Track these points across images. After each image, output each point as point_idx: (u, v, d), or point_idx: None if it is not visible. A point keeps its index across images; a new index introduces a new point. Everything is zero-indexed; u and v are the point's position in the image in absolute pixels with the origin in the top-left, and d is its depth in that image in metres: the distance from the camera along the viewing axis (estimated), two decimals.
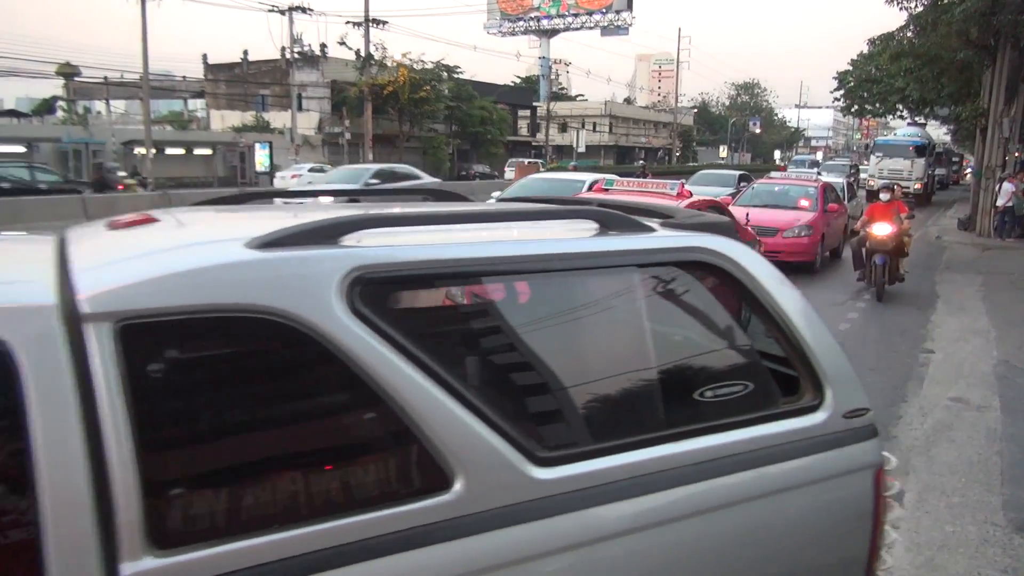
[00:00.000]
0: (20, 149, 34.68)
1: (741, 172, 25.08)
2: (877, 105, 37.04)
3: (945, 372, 7.46)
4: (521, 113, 67.54)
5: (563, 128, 70.14)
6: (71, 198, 19.57)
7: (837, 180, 22.42)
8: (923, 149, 33.63)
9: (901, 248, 11.49)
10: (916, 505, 4.46)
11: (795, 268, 11.79)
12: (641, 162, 36.59)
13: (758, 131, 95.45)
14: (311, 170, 35.12)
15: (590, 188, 14.93)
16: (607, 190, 9.46)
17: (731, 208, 12.53)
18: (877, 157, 33.96)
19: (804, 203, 14.10)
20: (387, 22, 41.60)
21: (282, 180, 35.68)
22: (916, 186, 32.01)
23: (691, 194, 9.61)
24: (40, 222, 15.72)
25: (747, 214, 12.50)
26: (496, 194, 15.09)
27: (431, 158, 50.53)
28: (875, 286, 11.29)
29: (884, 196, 11.71)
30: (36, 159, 34.56)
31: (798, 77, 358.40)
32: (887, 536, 2.38)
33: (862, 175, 36.94)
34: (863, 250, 11.58)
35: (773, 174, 19.39)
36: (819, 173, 35.45)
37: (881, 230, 11.14)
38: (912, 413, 6.26)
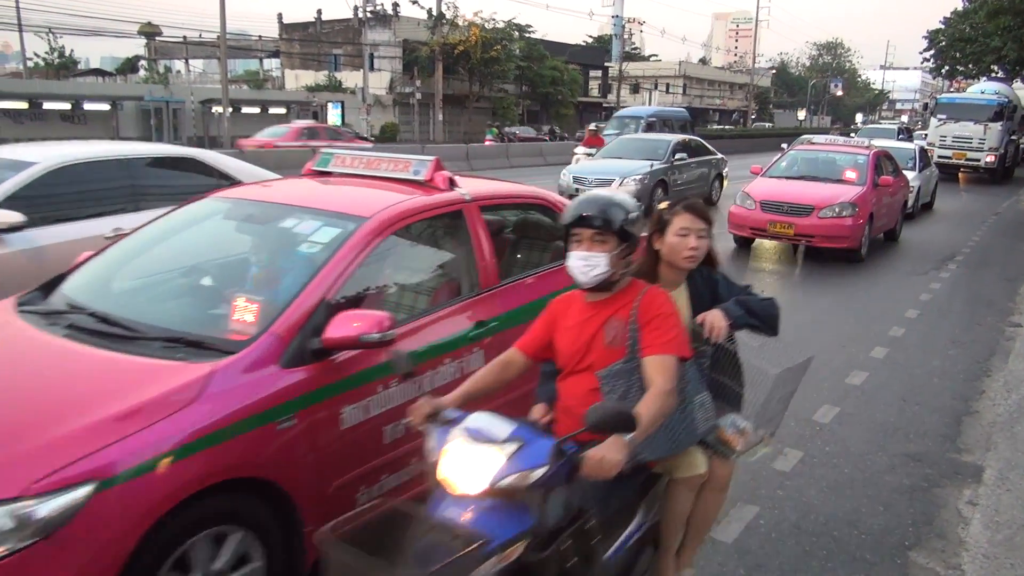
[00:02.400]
0: (105, 107, 35.88)
1: (679, 140, 17.37)
2: (970, 66, 34.94)
3: None
4: (592, 73, 66.37)
5: (635, 89, 68.78)
6: None
7: (907, 146, 19.02)
8: (1001, 111, 26.32)
9: None
10: (997, 483, 4.28)
11: (836, 255, 11.00)
12: (594, 126, 24.19)
13: (840, 94, 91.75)
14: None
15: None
16: (319, 172, 4.27)
17: (759, 180, 11.97)
18: (939, 120, 27.08)
19: (850, 175, 11.54)
20: None
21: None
22: (988, 158, 25.74)
23: (450, 180, 3.92)
24: None
25: (773, 189, 11.32)
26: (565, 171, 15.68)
27: (500, 118, 50.28)
28: None
29: None
30: (120, 116, 35.80)
31: (885, 36, 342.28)
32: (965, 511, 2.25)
33: (916, 143, 24.35)
34: None
35: (815, 138, 15.48)
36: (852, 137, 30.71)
37: None
38: (996, 388, 5.99)
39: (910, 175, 15.86)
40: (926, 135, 28.70)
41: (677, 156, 15.84)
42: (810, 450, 4.71)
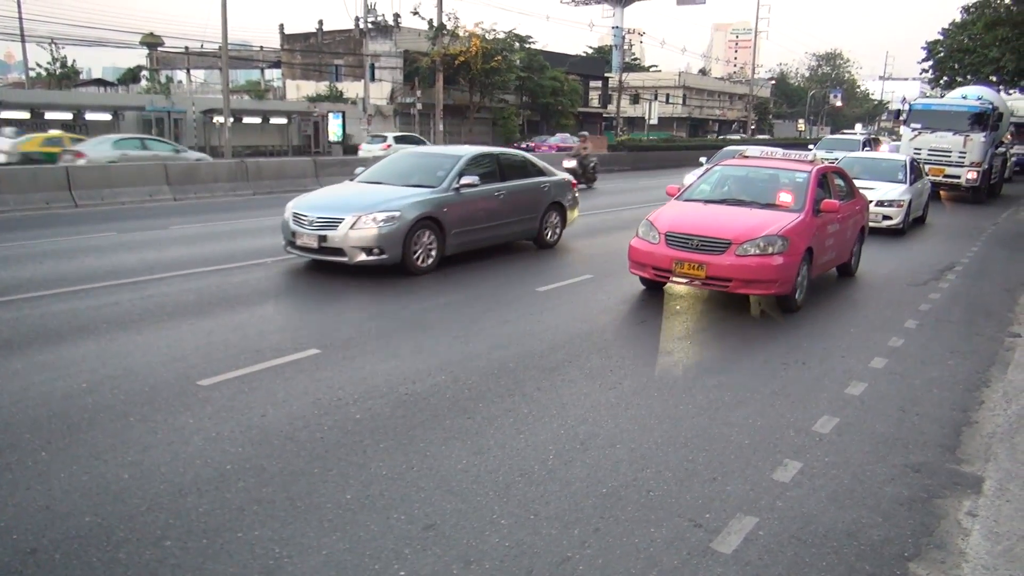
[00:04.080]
0: (107, 117, 35.99)
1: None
2: (969, 77, 35.05)
3: None
4: (593, 84, 66.62)
5: (635, 99, 68.97)
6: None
7: (896, 158, 18.06)
8: (984, 118, 22.36)
9: None
10: (997, 493, 4.28)
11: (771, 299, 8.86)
12: (583, 133, 25.09)
13: (839, 104, 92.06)
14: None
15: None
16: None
17: (671, 205, 9.39)
18: (913, 130, 23.13)
19: (785, 198, 9.00)
20: None
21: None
22: (970, 175, 21.99)
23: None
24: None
25: (683, 217, 8.76)
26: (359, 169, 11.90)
27: (501, 129, 50.44)
28: None
29: None
30: (121, 126, 35.88)
31: (883, 47, 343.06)
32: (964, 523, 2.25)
33: (903, 154, 21.18)
34: None
35: (750, 150, 12.01)
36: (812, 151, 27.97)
37: None
38: (995, 399, 5.99)
39: (899, 188, 15.52)
40: (899, 145, 25.36)
41: (464, 180, 10.37)
42: (810, 461, 4.71)
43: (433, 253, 9.94)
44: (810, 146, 33.31)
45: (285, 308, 8.09)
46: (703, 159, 20.62)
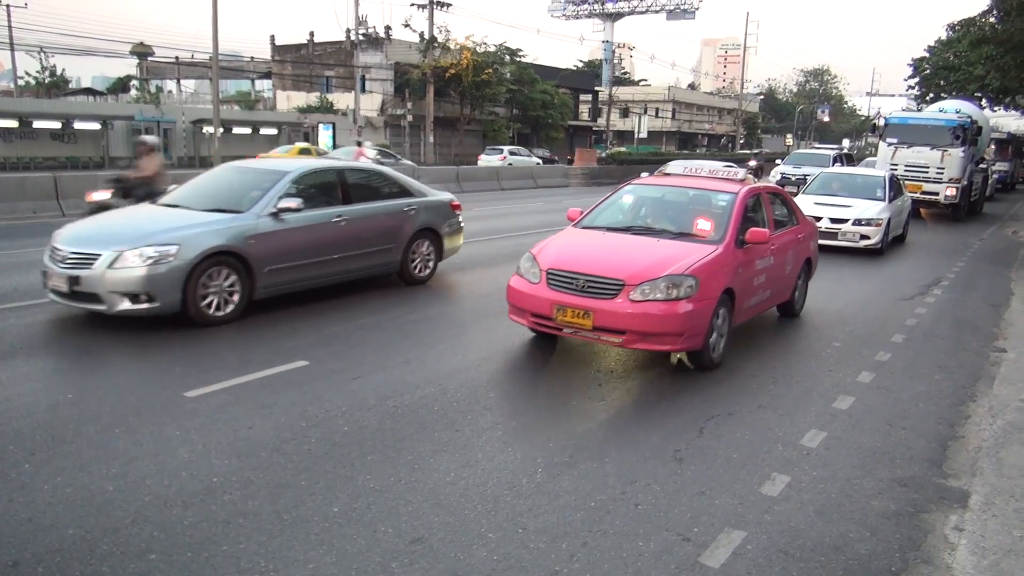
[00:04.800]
0: (96, 126, 35.86)
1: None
2: (954, 94, 35.53)
3: (1018, 372, 7.15)
4: (583, 97, 66.98)
5: (625, 113, 69.34)
6: None
7: (875, 174, 17.14)
8: (963, 133, 21.50)
9: None
10: (983, 508, 4.30)
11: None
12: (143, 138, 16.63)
13: (827, 119, 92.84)
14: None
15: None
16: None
17: (563, 234, 7.68)
18: (889, 144, 22.33)
19: (703, 226, 7.36)
20: (451, 4, 41.77)
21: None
22: (948, 191, 21.30)
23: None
24: None
25: (571, 249, 7.07)
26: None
27: (491, 141, 50.55)
28: None
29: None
30: (110, 136, 35.77)
31: (871, 64, 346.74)
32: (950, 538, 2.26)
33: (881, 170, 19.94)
34: None
35: (671, 166, 8.98)
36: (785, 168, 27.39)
37: None
38: (981, 413, 6.03)
39: (878, 206, 14.88)
40: (875, 160, 24.61)
41: (284, 204, 8.16)
42: (797, 475, 4.72)
43: (235, 298, 7.71)
44: (777, 160, 32.92)
45: (273, 319, 8.06)
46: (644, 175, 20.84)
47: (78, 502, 3.98)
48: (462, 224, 10.77)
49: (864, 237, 14.39)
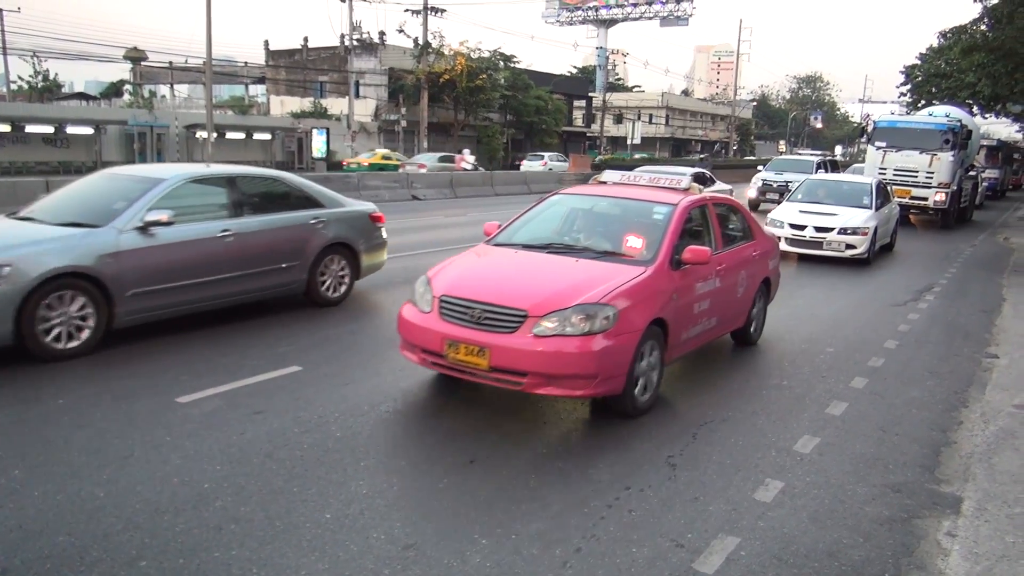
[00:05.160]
0: (89, 131, 35.75)
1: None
2: (946, 100, 35.73)
3: (1010, 378, 7.19)
4: (576, 103, 67.13)
5: (619, 119, 69.51)
6: None
7: (861, 180, 16.66)
8: (953, 137, 21.11)
9: None
10: (976, 514, 4.31)
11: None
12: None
13: (819, 126, 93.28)
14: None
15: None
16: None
17: (474, 251, 6.66)
18: (878, 148, 21.99)
19: (632, 244, 6.28)
20: (445, 10, 41.80)
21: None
22: (938, 196, 21.08)
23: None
24: None
25: (473, 271, 6.09)
26: None
27: (485, 147, 50.62)
28: None
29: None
30: (103, 140, 35.67)
31: (863, 71, 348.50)
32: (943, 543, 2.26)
33: (868, 176, 19.26)
34: None
35: (607, 174, 7.82)
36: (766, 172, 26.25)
37: None
38: (973, 419, 6.05)
39: (864, 214, 14.40)
40: (862, 167, 24.10)
41: (153, 216, 7.07)
42: (791, 480, 4.72)
43: (88, 326, 6.62)
44: (759, 167, 31.84)
45: (267, 325, 8.03)
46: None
47: (68, 508, 3.95)
48: (385, 238, 9.66)
49: (850, 247, 13.89)
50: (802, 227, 14.18)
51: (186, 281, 7.32)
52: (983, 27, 23.17)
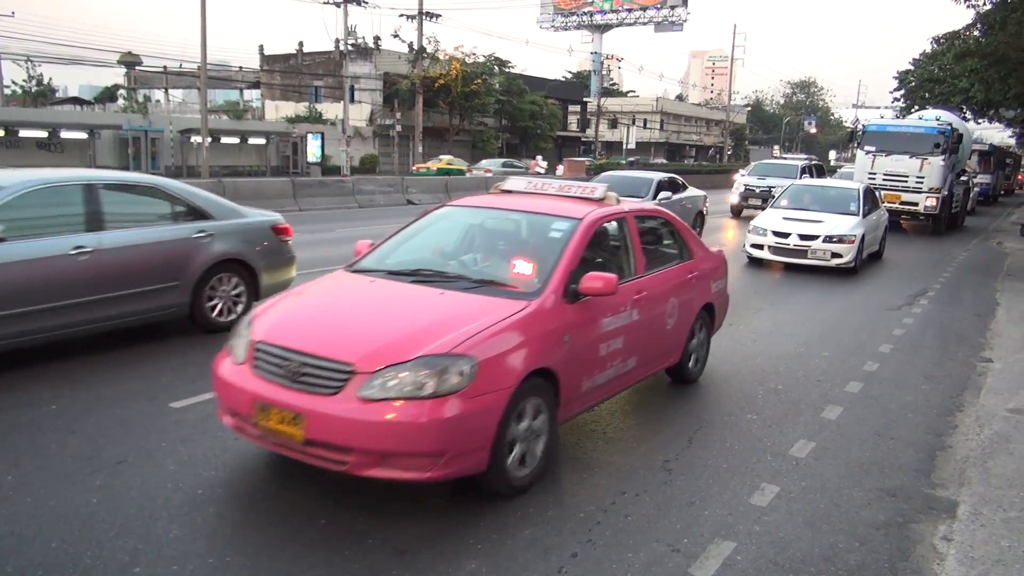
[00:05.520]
0: (83, 135, 35.68)
1: None
2: (939, 105, 35.90)
3: (1004, 382, 7.20)
4: (571, 108, 67.22)
5: (613, 124, 69.66)
6: None
7: (848, 186, 16.06)
8: (943, 141, 20.77)
9: None
10: (971, 518, 4.31)
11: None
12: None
13: (813, 131, 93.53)
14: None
15: None
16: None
17: (321, 280, 5.31)
18: (868, 153, 21.58)
19: (521, 270, 5.01)
20: (440, 15, 41.85)
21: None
22: (928, 202, 20.66)
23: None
24: None
25: (298, 310, 4.79)
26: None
27: (480, 152, 50.66)
28: None
29: None
30: (97, 145, 35.59)
31: (856, 76, 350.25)
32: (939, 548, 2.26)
33: (856, 181, 18.83)
34: None
35: (510, 181, 6.32)
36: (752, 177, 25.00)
37: None
38: (968, 423, 6.06)
39: (851, 221, 13.79)
40: (852, 170, 23.52)
41: None
42: (786, 485, 4.72)
43: None
44: (740, 171, 29.96)
45: None
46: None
47: (61, 515, 3.93)
48: (292, 253, 8.49)
49: (836, 255, 13.25)
50: (786, 235, 13.59)
51: (27, 308, 6.15)
52: (976, 33, 23.31)
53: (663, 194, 15.22)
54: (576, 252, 4.99)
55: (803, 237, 13.48)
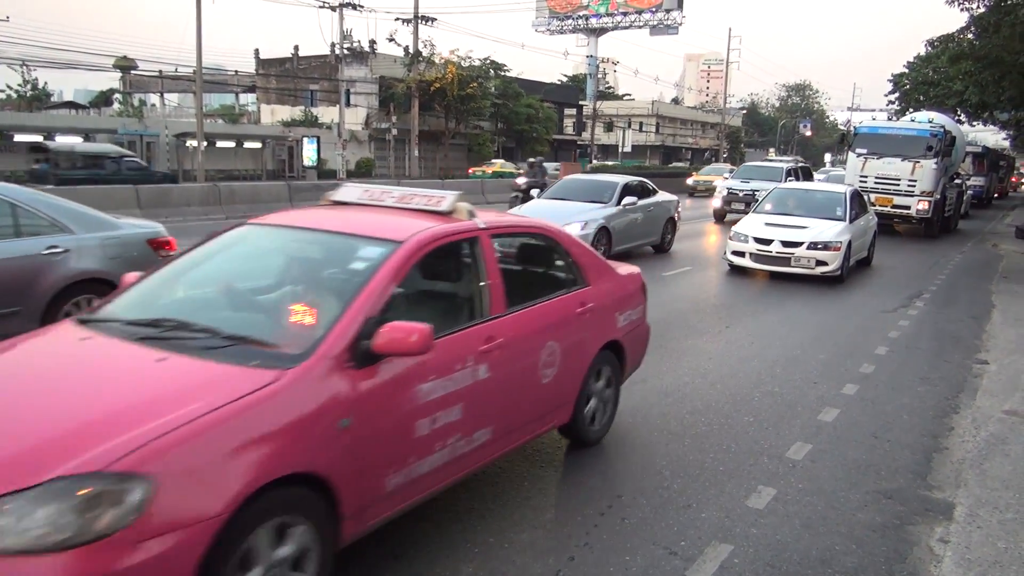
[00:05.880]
0: (78, 140, 35.60)
1: None
2: (934, 108, 36.00)
3: (1000, 384, 7.21)
4: (567, 112, 67.21)
5: (609, 127, 69.74)
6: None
7: (835, 189, 15.40)
8: (936, 144, 20.40)
9: None
10: (968, 520, 4.31)
11: None
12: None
13: (808, 134, 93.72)
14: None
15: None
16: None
17: (37, 334, 3.86)
18: (859, 156, 21.28)
19: (300, 319, 3.65)
20: (436, 19, 41.83)
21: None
22: (920, 205, 20.29)
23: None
24: None
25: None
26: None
27: (476, 155, 50.68)
28: None
29: None
30: None
31: (851, 79, 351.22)
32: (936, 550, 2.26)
33: (845, 185, 17.95)
34: None
35: (343, 191, 4.72)
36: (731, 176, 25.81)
37: None
38: (964, 425, 6.06)
39: (837, 227, 13.11)
40: (843, 174, 23.10)
41: None
42: (783, 487, 4.71)
43: None
44: (725, 174, 29.28)
45: None
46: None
47: None
48: None
49: (820, 263, 12.54)
50: (768, 241, 12.82)
51: None
52: (970, 36, 23.39)
53: (628, 199, 14.19)
54: (378, 292, 3.51)
55: (786, 244, 12.74)
